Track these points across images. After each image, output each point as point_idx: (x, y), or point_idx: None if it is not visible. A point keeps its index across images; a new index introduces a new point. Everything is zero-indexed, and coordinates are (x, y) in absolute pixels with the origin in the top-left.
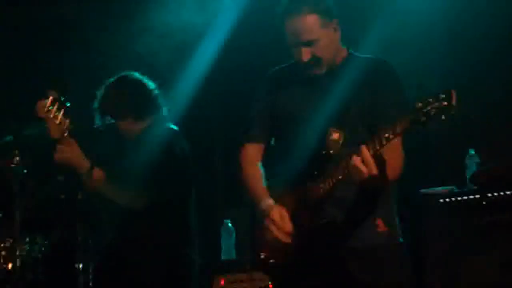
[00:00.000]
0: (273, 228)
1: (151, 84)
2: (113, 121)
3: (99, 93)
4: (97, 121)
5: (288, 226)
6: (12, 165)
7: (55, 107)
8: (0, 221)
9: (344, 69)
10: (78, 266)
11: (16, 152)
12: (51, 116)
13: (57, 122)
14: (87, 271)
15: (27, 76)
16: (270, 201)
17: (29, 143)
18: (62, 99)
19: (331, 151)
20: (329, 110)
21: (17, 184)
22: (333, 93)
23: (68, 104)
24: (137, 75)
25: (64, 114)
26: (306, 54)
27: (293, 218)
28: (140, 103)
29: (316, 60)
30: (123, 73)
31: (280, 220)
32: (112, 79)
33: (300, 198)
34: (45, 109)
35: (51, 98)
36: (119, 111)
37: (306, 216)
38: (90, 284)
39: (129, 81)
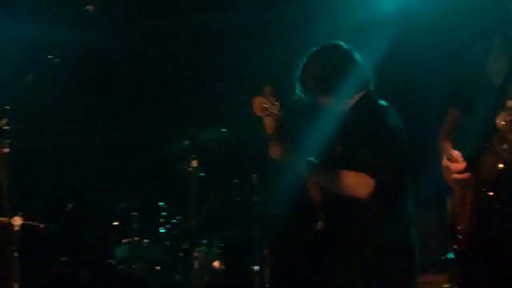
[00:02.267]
0: None
1: (357, 56)
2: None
3: (301, 62)
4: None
5: None
6: (190, 169)
7: (270, 103)
8: (178, 224)
9: None
10: (254, 268)
11: (194, 156)
12: (267, 112)
13: (273, 118)
14: (262, 273)
15: (203, 82)
16: None
17: (206, 147)
18: (271, 100)
19: None
20: None
21: (196, 187)
22: None
23: (277, 102)
24: (343, 45)
25: (278, 110)
26: None
27: None
28: (338, 77)
29: None
30: (328, 42)
31: None
32: (316, 48)
33: None
34: (262, 106)
35: (267, 94)
36: (318, 85)
37: None
38: (267, 286)
39: (332, 52)
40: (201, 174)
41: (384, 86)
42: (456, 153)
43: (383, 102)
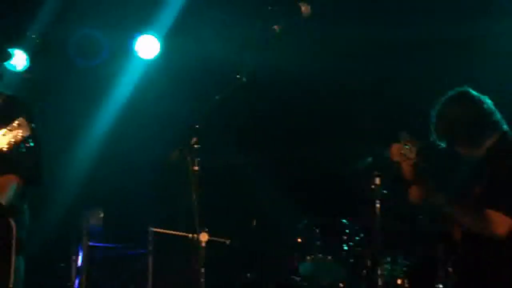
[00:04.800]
0: None
1: (488, 101)
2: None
3: (433, 111)
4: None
5: None
6: (373, 186)
7: (409, 149)
8: (362, 241)
9: None
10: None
11: (377, 173)
12: (405, 159)
13: (410, 164)
14: None
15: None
16: None
17: (388, 164)
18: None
19: None
20: None
21: (378, 205)
22: None
23: (419, 146)
24: (473, 92)
25: (417, 156)
26: None
27: None
28: (474, 127)
29: None
30: (460, 89)
31: None
32: (448, 95)
33: None
34: (399, 152)
35: (404, 140)
36: (452, 136)
37: None
38: None
39: (465, 99)
40: (384, 192)
41: None
42: None
43: None
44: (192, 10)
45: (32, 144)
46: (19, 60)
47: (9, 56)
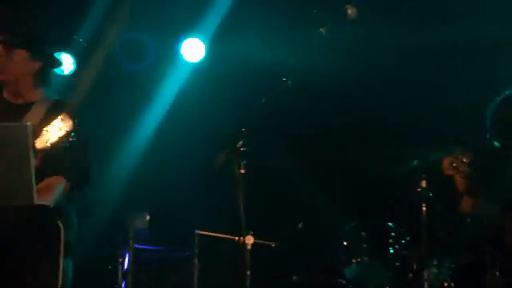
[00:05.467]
0: None
1: None
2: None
3: (488, 112)
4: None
5: None
6: (419, 189)
7: (461, 162)
8: (407, 244)
9: None
10: None
11: (423, 176)
12: (457, 172)
13: (463, 176)
14: None
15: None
16: None
17: (435, 167)
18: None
19: None
20: None
21: (424, 208)
22: None
23: (471, 158)
24: None
25: (470, 168)
26: None
27: None
28: None
29: None
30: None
31: None
32: (503, 96)
33: None
34: (452, 166)
35: (457, 154)
36: (508, 136)
37: None
38: None
39: None
40: (430, 195)
41: None
42: None
43: None
44: (238, 13)
45: (75, 139)
46: (66, 64)
47: (58, 63)
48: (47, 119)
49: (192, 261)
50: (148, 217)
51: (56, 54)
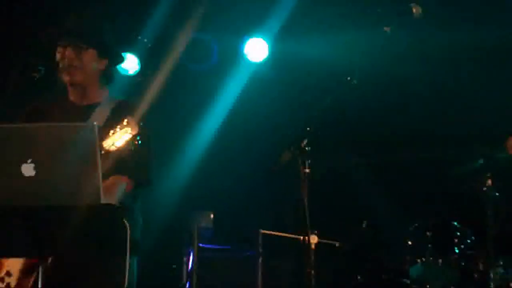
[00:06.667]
0: None
1: None
2: None
3: None
4: None
5: None
6: (484, 188)
7: None
8: (473, 244)
9: None
10: None
11: (488, 175)
12: None
13: None
14: None
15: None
16: None
17: (501, 166)
18: None
19: None
20: None
21: (490, 207)
22: None
23: None
24: None
25: None
26: None
27: None
28: None
29: None
30: None
31: None
32: None
33: None
34: None
35: None
36: None
37: None
38: None
39: None
40: (495, 194)
41: None
42: None
43: None
44: (301, 13)
45: (140, 142)
46: (131, 64)
47: (121, 59)
48: (112, 120)
49: (256, 260)
50: (212, 216)
51: (119, 51)
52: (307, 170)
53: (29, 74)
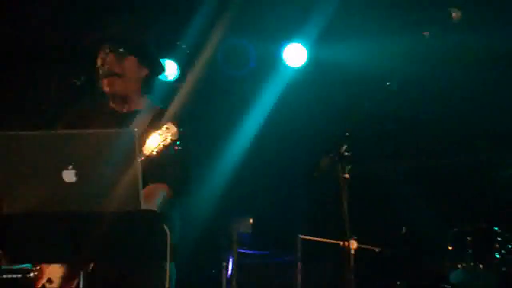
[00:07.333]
0: None
1: None
2: None
3: None
4: None
5: None
6: None
7: None
8: None
9: None
10: None
11: None
12: None
13: None
14: None
15: None
16: None
17: None
18: None
19: None
20: None
21: None
22: None
23: None
24: None
25: None
26: None
27: None
28: None
29: None
30: None
31: None
32: None
33: None
34: None
35: None
36: None
37: None
38: None
39: None
40: None
41: None
42: None
43: None
44: (340, 18)
45: (179, 148)
46: (170, 70)
47: (162, 69)
48: (152, 127)
49: (295, 266)
50: (251, 222)
51: (160, 60)
52: (346, 176)
53: (70, 81)
